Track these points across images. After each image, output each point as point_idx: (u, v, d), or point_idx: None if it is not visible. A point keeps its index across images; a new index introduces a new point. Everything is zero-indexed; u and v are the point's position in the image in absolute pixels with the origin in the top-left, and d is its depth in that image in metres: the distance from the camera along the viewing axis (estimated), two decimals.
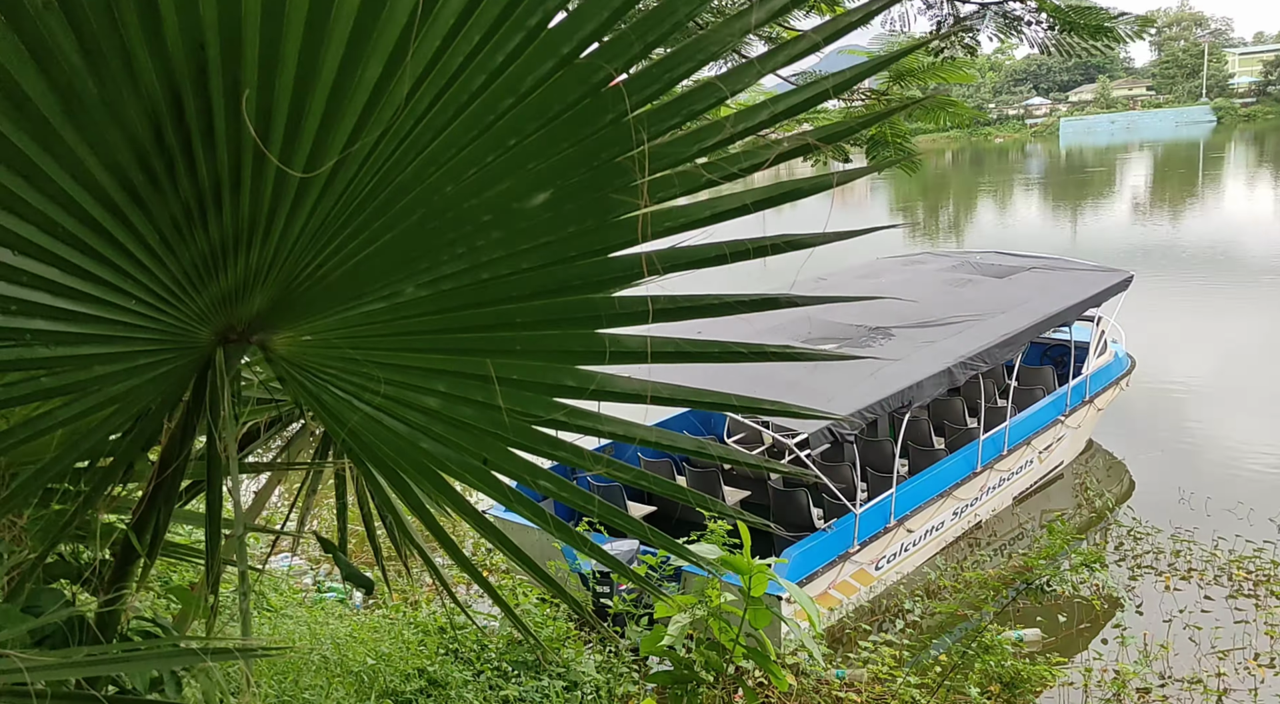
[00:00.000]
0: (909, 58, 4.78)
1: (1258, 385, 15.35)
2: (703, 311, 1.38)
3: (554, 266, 1.31)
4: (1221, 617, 8.19)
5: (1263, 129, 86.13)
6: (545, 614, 5.94)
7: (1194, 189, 47.64)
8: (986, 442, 10.36)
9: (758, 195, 1.34)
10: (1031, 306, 11.03)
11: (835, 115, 5.55)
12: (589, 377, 1.35)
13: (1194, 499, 10.46)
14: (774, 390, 8.83)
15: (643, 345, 1.42)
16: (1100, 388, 12.20)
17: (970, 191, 57.00)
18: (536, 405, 1.37)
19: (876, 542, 9.08)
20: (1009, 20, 3.41)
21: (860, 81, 1.29)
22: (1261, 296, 21.26)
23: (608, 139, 1.19)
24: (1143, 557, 9.62)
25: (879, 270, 13.65)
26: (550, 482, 1.44)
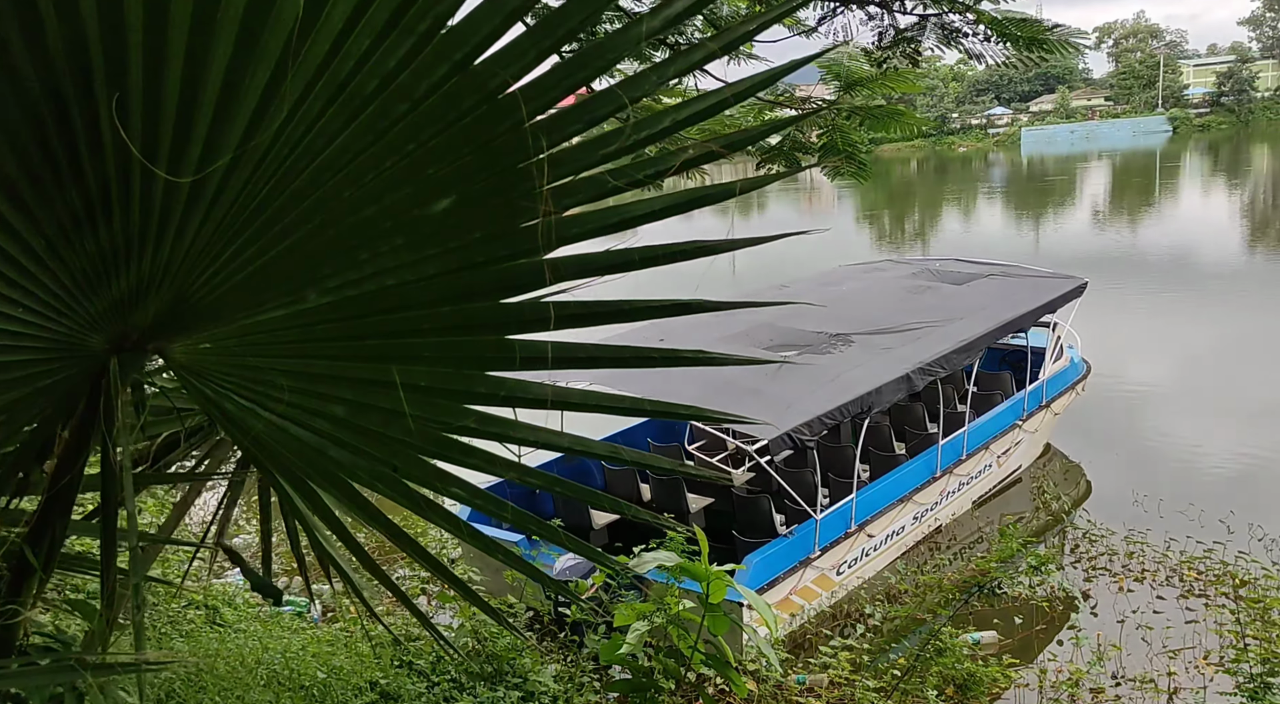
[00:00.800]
0: (858, 69, 4.83)
1: (1211, 389, 15.67)
2: (616, 316, 1.38)
3: (461, 272, 1.30)
4: (1173, 617, 8.33)
5: (1216, 139, 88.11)
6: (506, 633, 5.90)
7: (1151, 197, 48.58)
8: (946, 446, 10.47)
9: (667, 201, 1.35)
10: (989, 313, 11.18)
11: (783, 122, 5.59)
12: (499, 382, 1.35)
13: (1147, 501, 10.63)
14: (734, 397, 8.88)
15: (560, 351, 1.42)
16: (1057, 392, 12.38)
17: (935, 200, 57.69)
18: (446, 412, 1.36)
19: (837, 547, 9.14)
20: (948, 32, 3.47)
21: (759, 91, 1.30)
22: (1215, 302, 21.72)
23: (509, 145, 1.19)
24: (1097, 558, 9.77)
25: (841, 278, 13.76)
26: (463, 489, 1.43)
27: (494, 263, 1.31)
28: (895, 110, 4.95)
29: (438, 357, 1.35)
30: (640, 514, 1.64)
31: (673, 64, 1.20)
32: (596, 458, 1.46)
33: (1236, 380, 15.86)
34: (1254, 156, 69.08)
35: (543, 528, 1.50)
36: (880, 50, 3.75)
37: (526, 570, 1.61)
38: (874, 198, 63.65)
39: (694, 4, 1.15)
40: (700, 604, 4.79)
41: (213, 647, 5.54)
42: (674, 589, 5.49)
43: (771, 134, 2.81)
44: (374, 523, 1.48)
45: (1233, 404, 14.88)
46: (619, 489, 10.80)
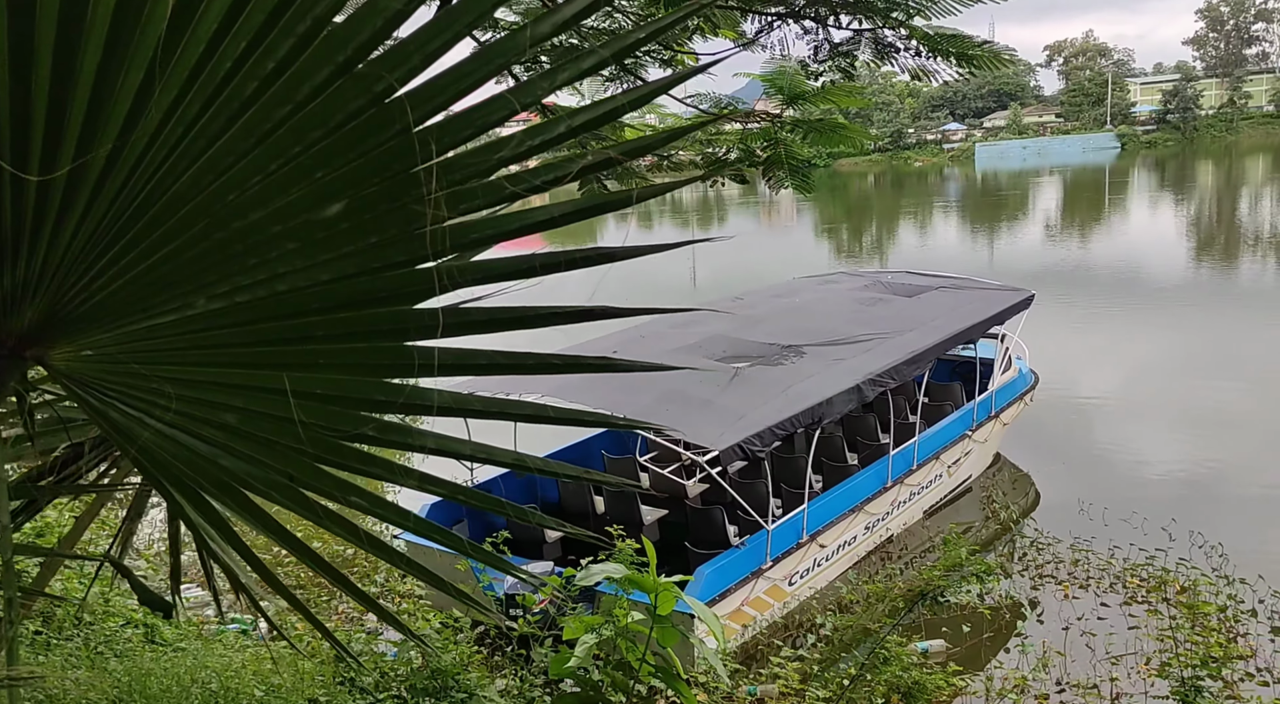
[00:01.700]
0: (799, 81, 4.88)
1: (1157, 400, 16.03)
2: (519, 323, 1.38)
3: (357, 278, 1.29)
4: (1116, 623, 8.47)
5: (1163, 155, 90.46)
6: (447, 638, 5.84)
7: (1101, 213, 49.71)
8: (897, 456, 10.57)
9: (566, 209, 1.34)
10: (939, 324, 11.34)
11: (732, 136, 5.63)
12: (398, 389, 1.34)
13: (1093, 510, 10.82)
14: (687, 408, 8.90)
15: (458, 357, 1.41)
16: (1005, 403, 12.58)
17: (892, 213, 58.49)
18: (343, 420, 1.34)
19: (789, 557, 9.17)
20: (882, 47, 3.52)
21: (651, 100, 1.31)
22: (1162, 316, 22.24)
23: (399, 150, 1.18)
24: (1044, 566, 9.91)
25: (795, 289, 13.88)
26: (363, 498, 1.41)
27: (391, 268, 1.29)
28: (836, 123, 5.01)
29: (334, 363, 1.33)
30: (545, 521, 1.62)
31: (564, 70, 1.20)
32: (502, 465, 1.45)
33: (1181, 392, 16.25)
34: (1199, 173, 70.99)
35: (447, 537, 1.48)
36: (816, 64, 3.80)
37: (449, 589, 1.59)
38: (833, 211, 64.42)
39: (584, 9, 1.16)
40: (649, 616, 4.78)
41: (148, 665, 5.41)
42: (623, 601, 5.47)
43: (672, 141, 2.82)
44: (269, 533, 1.46)
45: (1177, 415, 15.24)
46: (572, 503, 10.77)
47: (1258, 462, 12.93)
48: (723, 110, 5.18)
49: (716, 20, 3.72)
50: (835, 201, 72.86)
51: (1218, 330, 20.31)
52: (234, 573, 1.60)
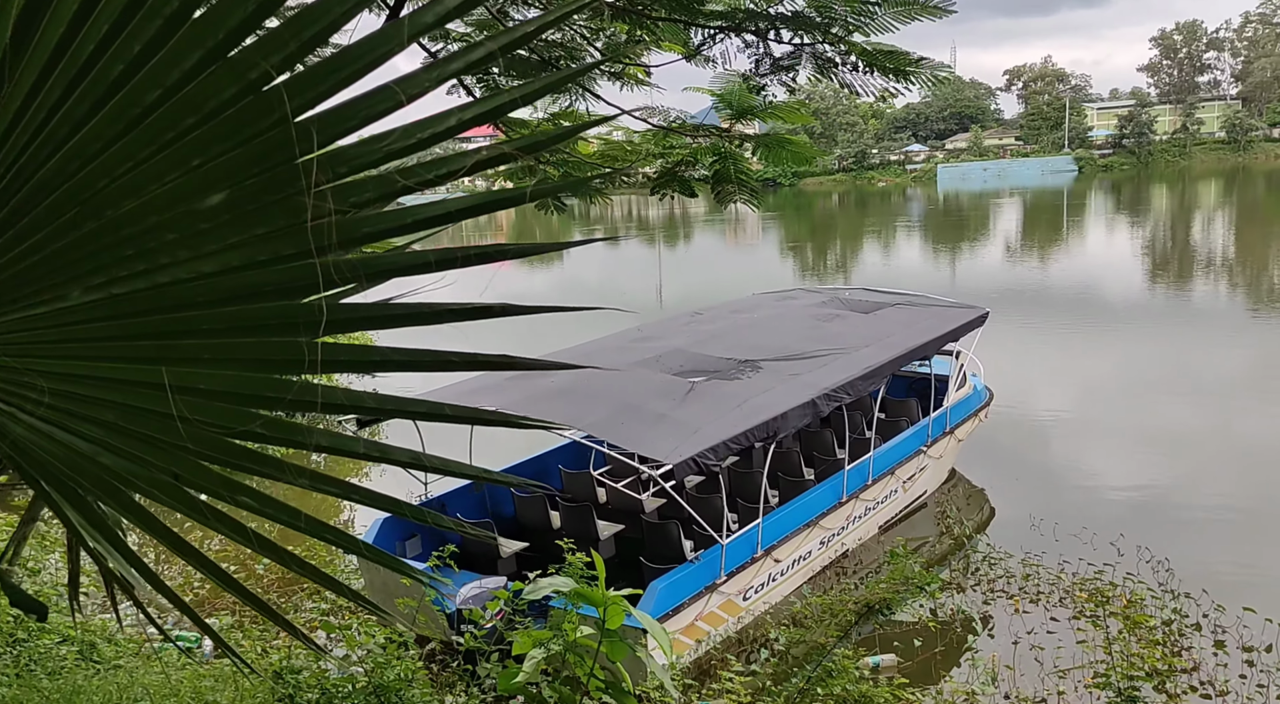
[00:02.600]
0: (747, 97, 4.92)
1: (1109, 419, 16.29)
2: (413, 319, 1.35)
3: (243, 272, 1.26)
4: (1064, 637, 8.56)
5: (1119, 179, 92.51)
6: (391, 653, 5.74)
7: (1059, 234, 50.64)
8: (852, 471, 10.63)
9: (462, 204, 1.33)
10: (894, 340, 11.44)
11: (683, 151, 5.66)
12: (286, 385, 1.31)
13: (1044, 525, 10.95)
14: (642, 421, 8.89)
15: (351, 353, 1.38)
16: (960, 419, 12.71)
17: (856, 232, 59.11)
18: (230, 417, 1.31)
19: (744, 572, 9.17)
20: (822, 62, 3.56)
21: (548, 93, 1.30)
22: (1116, 335, 22.64)
23: (280, 139, 1.15)
24: (996, 581, 10.00)
25: (754, 305, 13.96)
26: (253, 498, 1.38)
27: (279, 262, 1.27)
28: (783, 138, 5.06)
29: (219, 358, 1.30)
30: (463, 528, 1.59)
31: (453, 62, 1.18)
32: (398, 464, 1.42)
33: (1133, 411, 16.53)
34: (1153, 197, 72.63)
35: (341, 537, 1.45)
36: (758, 78, 3.84)
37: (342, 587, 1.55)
38: (797, 229, 65.04)
39: (466, 1, 1.15)
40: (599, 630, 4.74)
41: (79, 684, 5.26)
42: (573, 615, 5.43)
43: (571, 137, 2.81)
44: (154, 533, 1.42)
45: (1128, 434, 15.48)
46: (528, 517, 10.69)
47: (1205, 480, 13.17)
48: (672, 124, 5.20)
49: (660, 33, 3.74)
50: (800, 220, 73.61)
51: (1169, 350, 20.73)
52: (125, 582, 1.55)
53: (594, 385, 9.84)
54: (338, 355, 1.37)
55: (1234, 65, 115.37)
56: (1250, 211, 56.27)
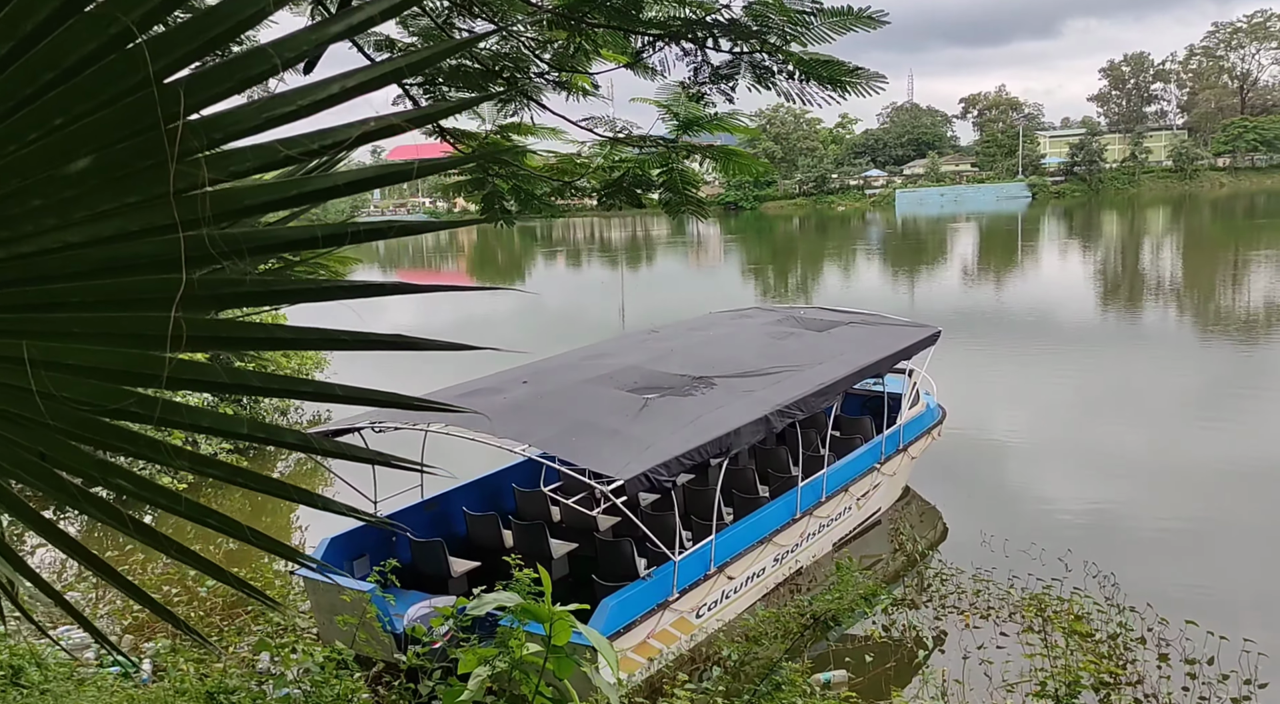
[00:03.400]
0: (692, 107, 4.94)
1: (1060, 439, 16.53)
2: (298, 296, 1.32)
3: (115, 242, 1.21)
4: (1013, 651, 8.61)
5: (1071, 205, 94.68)
6: (330, 672, 5.62)
7: (1014, 258, 51.59)
8: (805, 488, 10.65)
9: (350, 177, 1.29)
10: (847, 358, 11.53)
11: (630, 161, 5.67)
12: (161, 362, 1.26)
13: (994, 541, 11.05)
14: (595, 436, 8.85)
15: (231, 330, 1.34)
16: (914, 436, 12.82)
17: (816, 255, 59.72)
18: (102, 395, 1.26)
19: (697, 589, 9.12)
20: (760, 71, 3.59)
21: (425, 65, 1.28)
22: (1067, 358, 23.00)
23: (148, 102, 1.12)
24: (948, 597, 10.05)
25: (710, 323, 14.01)
26: (129, 481, 1.32)
27: (154, 233, 1.22)
28: (730, 150, 5.08)
29: (90, 333, 1.25)
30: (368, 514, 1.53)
31: (333, 24, 1.16)
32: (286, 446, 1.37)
33: (1083, 431, 16.78)
34: (1104, 223, 74.33)
35: (224, 522, 1.40)
36: (697, 86, 3.86)
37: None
38: (759, 252, 65.62)
39: None
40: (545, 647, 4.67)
41: None
42: (519, 632, 5.34)
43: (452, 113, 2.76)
44: (15, 514, 1.36)
45: (1078, 454, 15.70)
46: (480, 536, 10.57)
47: (1151, 501, 13.34)
48: (618, 134, 5.21)
49: (599, 40, 3.75)
50: (761, 243, 74.26)
51: (1119, 373, 21.10)
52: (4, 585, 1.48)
53: (546, 402, 9.79)
54: (218, 331, 1.33)
55: (1180, 96, 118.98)
56: (1196, 238, 57.80)
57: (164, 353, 1.29)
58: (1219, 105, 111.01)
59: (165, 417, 1.29)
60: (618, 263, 61.42)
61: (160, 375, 1.29)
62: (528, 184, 6.51)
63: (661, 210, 5.39)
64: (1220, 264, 43.14)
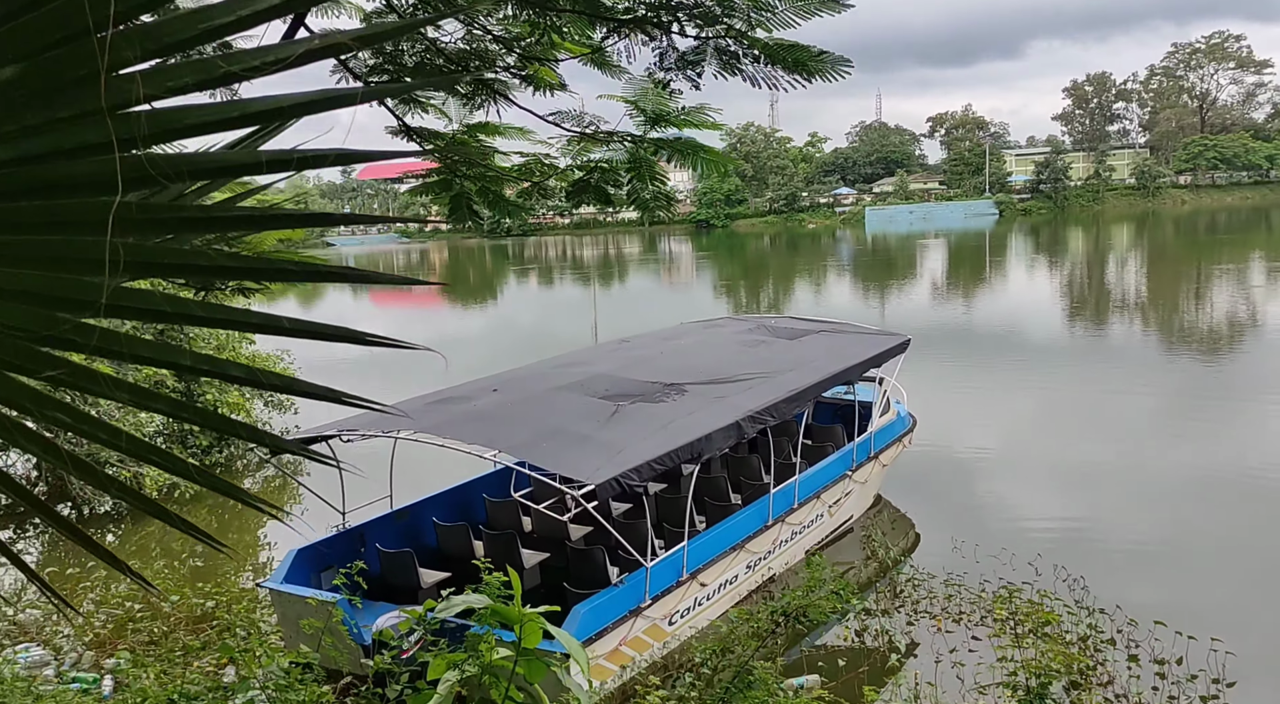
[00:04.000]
0: (661, 101, 4.95)
1: (1028, 453, 16.61)
2: (241, 223, 1.28)
3: (47, 161, 1.18)
4: (985, 655, 8.61)
5: (1037, 222, 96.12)
6: (295, 675, 5.49)
7: (982, 274, 52.18)
8: (778, 495, 10.64)
9: (296, 98, 1.26)
10: (818, 365, 11.57)
11: (596, 161, 5.65)
12: (97, 289, 1.22)
13: (965, 547, 11.08)
14: (566, 441, 8.79)
15: (171, 256, 1.30)
16: (885, 444, 12.86)
17: (788, 272, 60.03)
18: (35, 321, 1.22)
19: (669, 596, 9.06)
20: (726, 57, 3.59)
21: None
22: (1035, 371, 23.22)
23: (76, 8, 1.08)
24: (920, 602, 10.06)
25: (681, 333, 14.01)
26: (65, 414, 1.27)
27: (88, 152, 1.18)
28: (697, 144, 5.09)
29: (25, 257, 1.20)
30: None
31: None
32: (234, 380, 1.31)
33: (1051, 444, 16.85)
34: (1070, 239, 75.44)
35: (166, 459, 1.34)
36: (663, 72, 3.86)
37: None
38: (730, 269, 65.89)
39: None
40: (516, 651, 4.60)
41: None
42: (490, 636, 5.25)
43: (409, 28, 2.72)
44: None
45: (1046, 466, 15.76)
46: (451, 546, 10.45)
47: (1117, 513, 13.33)
48: (586, 129, 5.20)
49: (563, 23, 3.74)
50: (733, 260, 74.61)
51: (1085, 387, 21.25)
52: None
53: (516, 410, 9.72)
54: (157, 257, 1.29)
55: (1141, 115, 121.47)
56: (1160, 254, 58.79)
57: (101, 279, 1.24)
58: (1180, 124, 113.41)
59: (103, 346, 1.25)
60: (590, 280, 61.42)
61: (97, 303, 1.24)
62: (496, 185, 6.48)
63: (632, 208, 5.38)
64: (1184, 278, 43.90)
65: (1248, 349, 24.81)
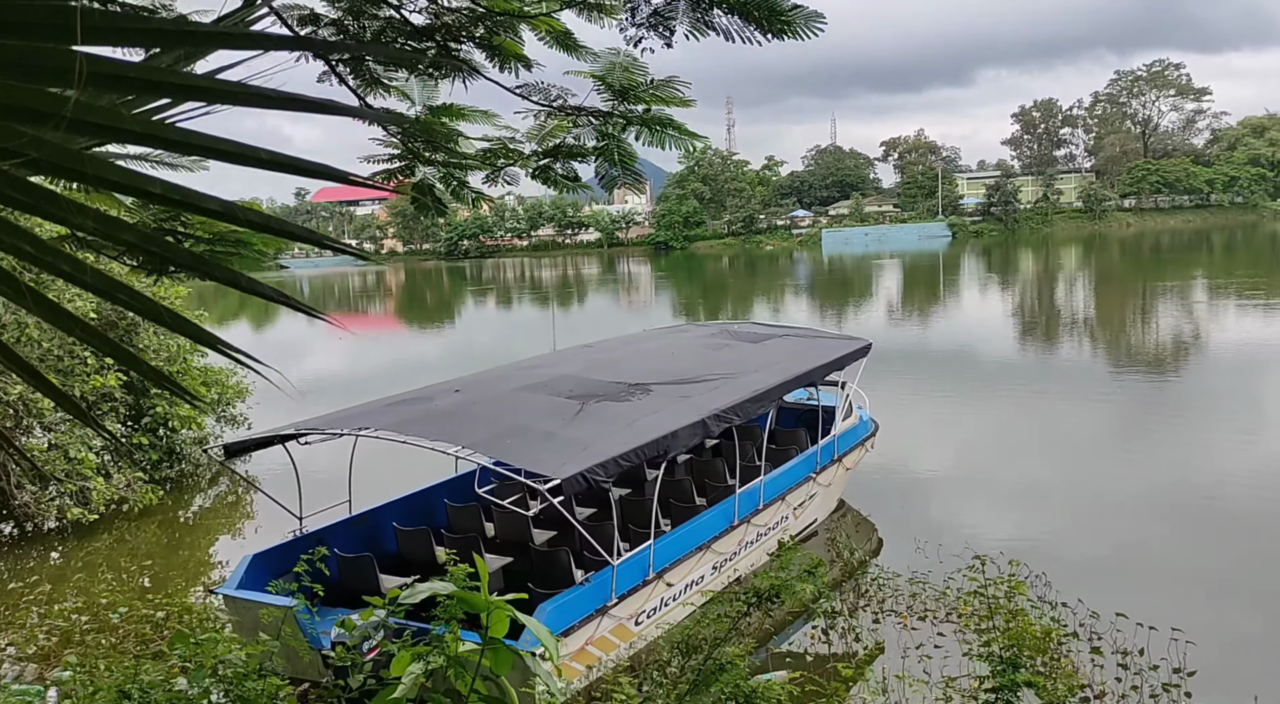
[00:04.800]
0: (629, 76, 4.93)
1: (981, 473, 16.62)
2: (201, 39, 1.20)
3: None
4: (951, 649, 8.63)
5: (989, 244, 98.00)
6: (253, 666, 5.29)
7: (936, 295, 52.97)
8: (743, 496, 10.60)
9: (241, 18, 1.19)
10: (782, 367, 11.59)
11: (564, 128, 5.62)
12: (61, 101, 1.13)
13: (928, 547, 11.12)
14: (531, 439, 8.68)
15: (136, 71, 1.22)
16: (848, 447, 12.90)
17: (746, 293, 60.42)
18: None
19: (635, 595, 8.95)
20: (699, 11, 3.58)
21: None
22: (986, 390, 23.42)
23: None
24: (885, 601, 10.05)
25: (644, 338, 13.99)
26: (31, 245, 1.18)
27: None
28: (667, 119, 5.08)
29: None
30: None
31: None
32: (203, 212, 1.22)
33: (1003, 462, 16.88)
34: (1020, 261, 76.97)
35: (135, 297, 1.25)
36: (634, 27, 3.83)
37: None
38: (689, 290, 66.16)
39: None
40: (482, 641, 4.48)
41: None
42: (454, 627, 5.12)
43: None
44: None
45: (998, 484, 15.74)
46: (412, 552, 10.25)
47: (1068, 532, 13.11)
48: (553, 102, 5.16)
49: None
50: (692, 281, 74.96)
51: (1037, 405, 21.37)
52: None
53: (480, 409, 9.59)
54: (121, 71, 1.20)
55: (1087, 141, 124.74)
56: (1107, 276, 60.14)
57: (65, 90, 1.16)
58: (1124, 149, 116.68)
59: (60, 163, 1.16)
60: (549, 301, 61.21)
61: (60, 114, 1.16)
62: (460, 170, 6.40)
63: (600, 185, 5.34)
64: (1131, 298, 44.95)
65: (1192, 367, 25.36)
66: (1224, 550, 11.92)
